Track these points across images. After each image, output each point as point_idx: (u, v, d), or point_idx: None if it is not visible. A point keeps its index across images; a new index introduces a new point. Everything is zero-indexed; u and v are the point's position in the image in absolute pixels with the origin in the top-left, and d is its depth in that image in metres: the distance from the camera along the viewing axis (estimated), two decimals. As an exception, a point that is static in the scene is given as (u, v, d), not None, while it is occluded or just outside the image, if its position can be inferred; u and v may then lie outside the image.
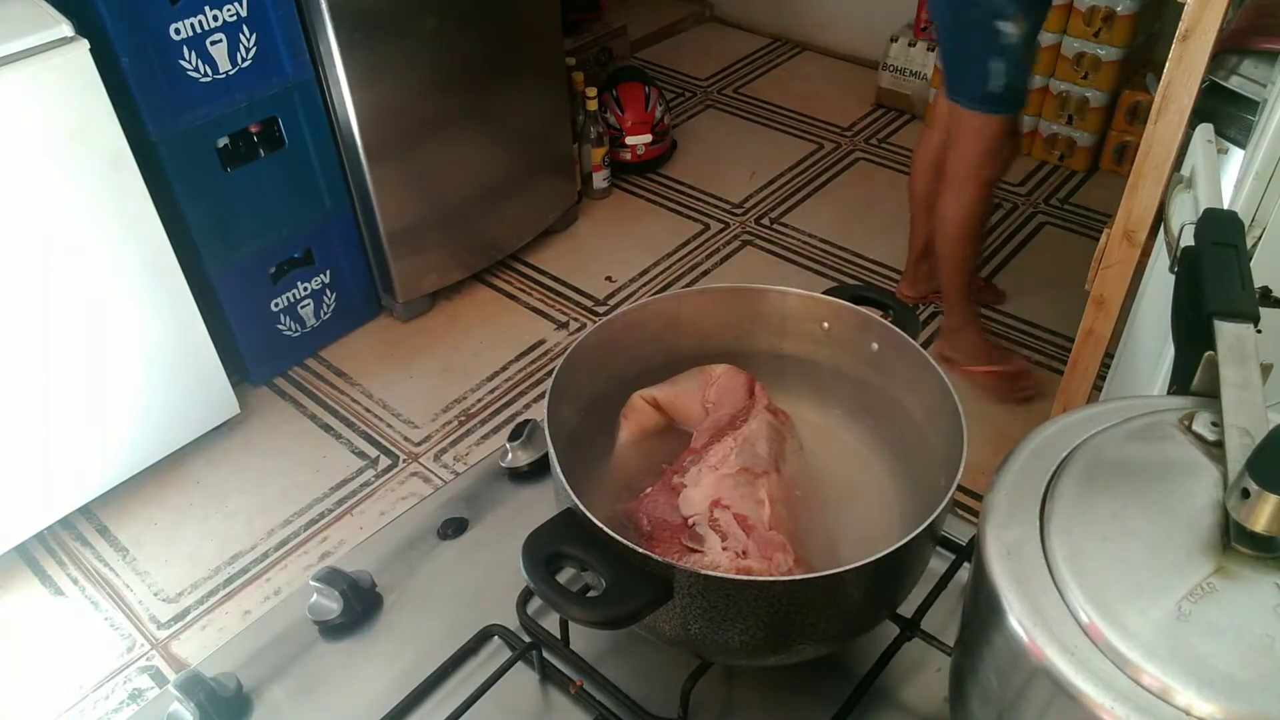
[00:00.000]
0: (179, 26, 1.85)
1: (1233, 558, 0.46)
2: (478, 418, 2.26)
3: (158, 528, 2.03)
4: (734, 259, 2.75)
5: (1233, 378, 0.54)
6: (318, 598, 0.75)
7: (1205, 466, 0.51)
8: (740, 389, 0.77)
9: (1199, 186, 0.94)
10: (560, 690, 0.71)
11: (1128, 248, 1.39)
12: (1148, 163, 1.31)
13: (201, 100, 1.94)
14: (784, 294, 0.81)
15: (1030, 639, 0.46)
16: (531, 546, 0.58)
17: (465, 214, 2.49)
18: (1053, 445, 0.55)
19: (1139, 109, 2.84)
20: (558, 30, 2.55)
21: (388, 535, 0.84)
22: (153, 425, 2.04)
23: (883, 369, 0.77)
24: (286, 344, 2.36)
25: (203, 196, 2.03)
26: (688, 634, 0.61)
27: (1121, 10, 2.73)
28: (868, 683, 0.69)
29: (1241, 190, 1.14)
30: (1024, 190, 2.95)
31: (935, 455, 0.70)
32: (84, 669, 1.78)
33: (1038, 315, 2.48)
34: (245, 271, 2.19)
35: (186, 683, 0.67)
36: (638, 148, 2.98)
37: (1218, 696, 0.42)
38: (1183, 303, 0.64)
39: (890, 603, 0.67)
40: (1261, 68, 1.26)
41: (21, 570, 1.95)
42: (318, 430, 2.23)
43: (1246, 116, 1.24)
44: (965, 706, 0.56)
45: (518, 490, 0.87)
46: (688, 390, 0.78)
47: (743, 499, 0.66)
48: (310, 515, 2.04)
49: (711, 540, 0.63)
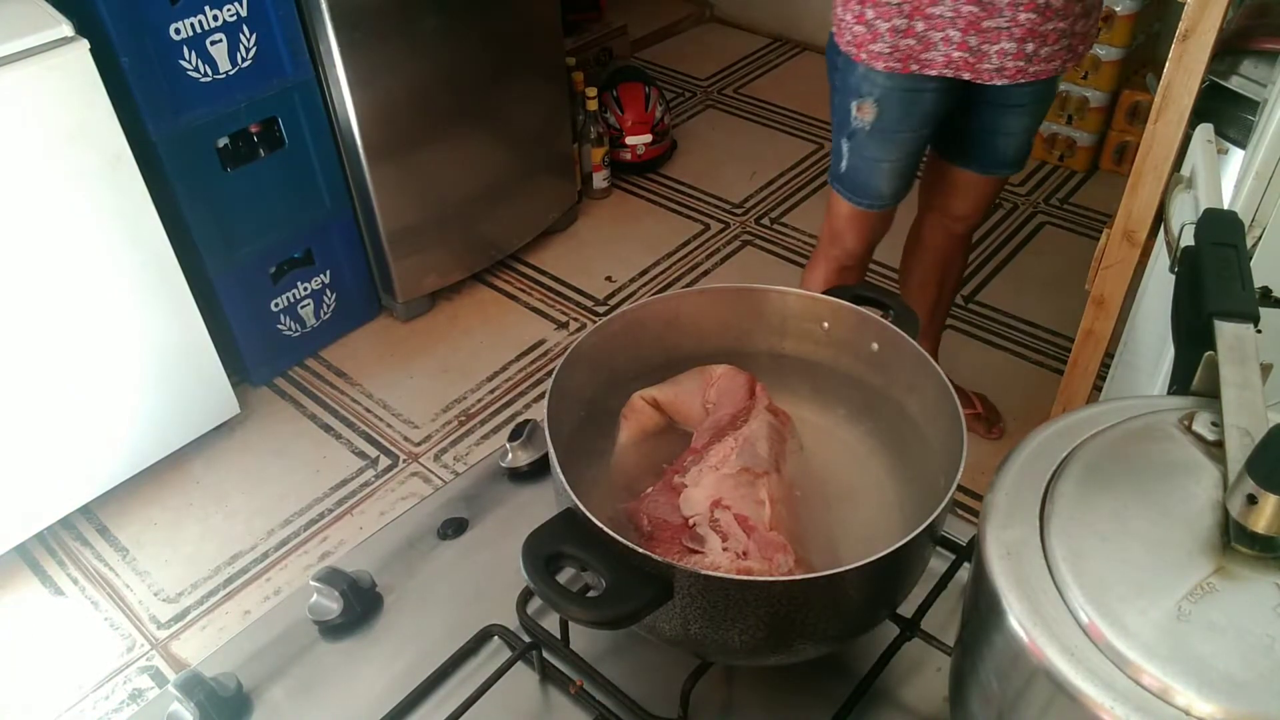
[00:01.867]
0: (179, 26, 1.85)
1: (1233, 558, 0.46)
2: (478, 418, 2.26)
3: (158, 528, 2.03)
4: (734, 259, 2.75)
5: (1233, 378, 0.54)
6: (318, 598, 0.75)
7: (1205, 466, 0.51)
8: (741, 389, 0.77)
9: (1199, 186, 0.94)
10: (560, 690, 0.71)
11: (1128, 248, 1.39)
12: (1148, 163, 1.31)
13: (201, 100, 1.94)
14: (784, 294, 0.81)
15: (1030, 639, 0.46)
16: (531, 546, 0.58)
17: (465, 214, 2.49)
18: (1053, 445, 0.55)
19: (1139, 109, 2.84)
20: (558, 30, 2.55)
21: (388, 535, 0.84)
22: (153, 425, 2.04)
23: (883, 369, 0.77)
24: (286, 344, 2.36)
25: (203, 196, 2.03)
26: (688, 634, 0.61)
27: (1121, 10, 2.73)
28: (868, 683, 0.69)
29: (1241, 190, 1.14)
30: (1024, 190, 2.95)
31: (935, 455, 0.70)
32: (84, 669, 1.78)
33: (1038, 315, 2.48)
34: (245, 271, 2.19)
35: (186, 683, 0.67)
36: (638, 148, 2.98)
37: (1218, 696, 0.42)
38: (1183, 303, 0.64)
39: (890, 603, 0.67)
40: (1261, 68, 1.26)
41: (21, 570, 1.95)
42: (318, 430, 2.23)
43: (1246, 116, 1.24)
44: (965, 706, 0.56)
45: (518, 490, 0.87)
46: (688, 390, 0.78)
47: (743, 499, 0.66)
48: (310, 515, 2.04)
49: (712, 541, 0.63)
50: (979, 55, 1.51)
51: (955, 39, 1.49)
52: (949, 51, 1.51)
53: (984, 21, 1.47)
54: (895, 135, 1.64)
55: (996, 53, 1.50)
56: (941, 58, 1.52)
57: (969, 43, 1.49)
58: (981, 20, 1.47)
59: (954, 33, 1.49)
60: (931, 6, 1.47)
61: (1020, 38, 1.48)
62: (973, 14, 1.46)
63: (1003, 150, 1.72)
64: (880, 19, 1.51)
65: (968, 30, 1.48)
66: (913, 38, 1.51)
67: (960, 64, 1.52)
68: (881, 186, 1.72)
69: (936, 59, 1.52)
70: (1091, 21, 1.56)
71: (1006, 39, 1.48)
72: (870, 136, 1.65)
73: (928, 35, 1.50)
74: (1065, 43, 1.53)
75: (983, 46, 1.50)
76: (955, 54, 1.51)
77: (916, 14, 1.49)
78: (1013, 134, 1.69)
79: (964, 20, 1.47)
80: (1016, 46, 1.49)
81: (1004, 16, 1.46)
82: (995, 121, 1.67)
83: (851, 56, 1.59)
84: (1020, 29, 1.47)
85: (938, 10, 1.47)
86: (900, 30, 1.50)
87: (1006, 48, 1.49)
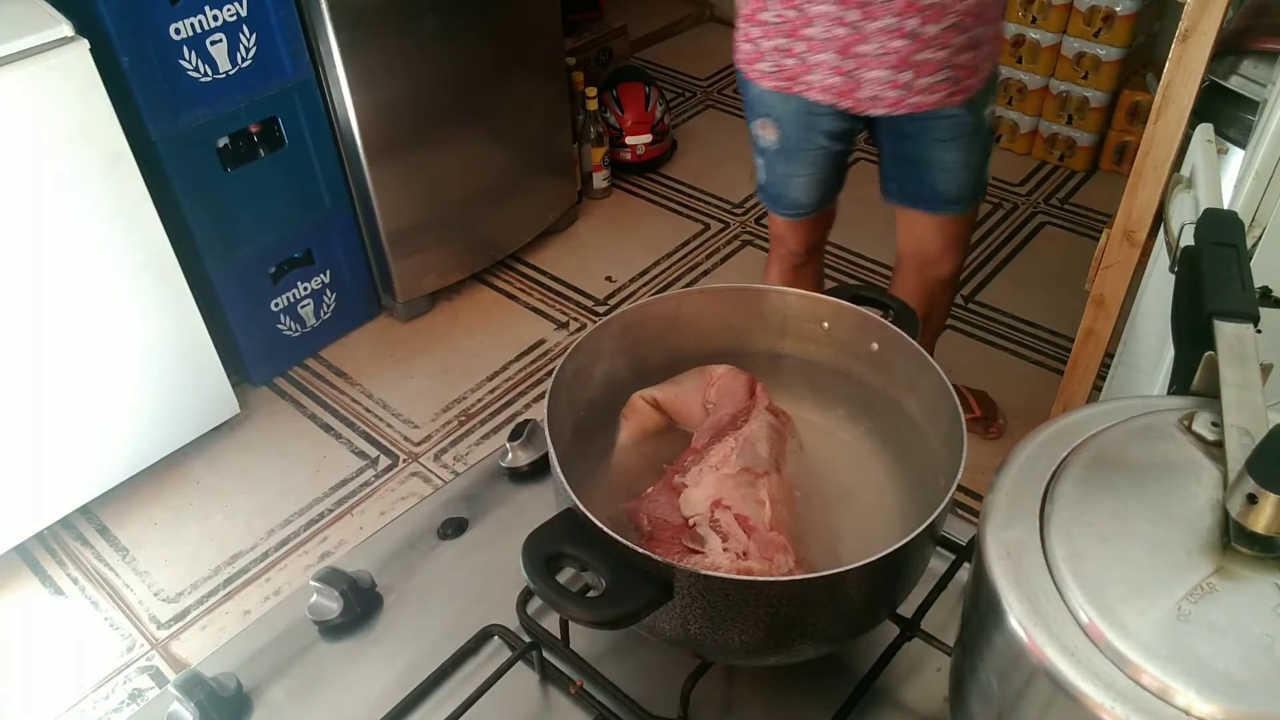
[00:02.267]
0: (179, 26, 1.85)
1: (1233, 558, 0.46)
2: (478, 418, 2.26)
3: (158, 528, 2.03)
4: (734, 259, 2.75)
5: (1233, 378, 0.54)
6: (318, 598, 0.75)
7: (1205, 466, 0.51)
8: (741, 389, 0.77)
9: (1199, 186, 0.94)
10: (560, 690, 0.71)
11: (1128, 248, 1.39)
12: (1148, 163, 1.31)
13: (201, 100, 1.94)
14: (784, 294, 0.81)
15: (1030, 639, 0.46)
16: (531, 546, 0.58)
17: (465, 214, 2.49)
18: (1053, 445, 0.55)
19: (1139, 109, 2.84)
20: (558, 30, 2.55)
21: (388, 535, 0.84)
22: (153, 425, 2.04)
23: (883, 369, 0.77)
24: (286, 344, 2.36)
25: (203, 196, 2.03)
26: (688, 634, 0.61)
27: (1121, 10, 2.73)
28: (868, 683, 0.69)
29: (1241, 190, 1.14)
30: (1024, 190, 2.95)
31: (935, 455, 0.70)
32: (84, 669, 1.78)
33: (1038, 315, 2.48)
34: (245, 271, 2.19)
35: (186, 683, 0.67)
36: (638, 148, 2.98)
37: (1218, 696, 0.42)
38: (1183, 303, 0.64)
39: (890, 603, 0.67)
40: (1261, 68, 1.26)
41: (21, 570, 1.95)
42: (318, 430, 2.23)
43: (1246, 116, 1.24)
44: (965, 706, 0.56)
45: (518, 490, 0.87)
46: (688, 390, 0.78)
47: (744, 499, 0.66)
48: (310, 515, 2.04)
49: (713, 541, 0.63)
50: (855, 82, 1.46)
51: (831, 62, 1.45)
52: (827, 77, 1.47)
53: (856, 46, 1.42)
54: (802, 153, 1.62)
55: (872, 80, 1.45)
56: (820, 82, 1.48)
57: (844, 67, 1.45)
58: (853, 45, 1.42)
59: (829, 56, 1.45)
60: (806, 27, 1.44)
61: (894, 65, 1.43)
62: (844, 37, 1.42)
63: (944, 187, 1.64)
64: (764, 38, 1.49)
65: (842, 54, 1.44)
66: (794, 58, 1.48)
67: (838, 90, 1.48)
68: (799, 198, 1.70)
69: (815, 83, 1.49)
70: (982, 54, 1.49)
71: (879, 66, 1.44)
72: (779, 155, 1.63)
73: (806, 57, 1.47)
74: (947, 74, 1.46)
75: (857, 73, 1.45)
76: (832, 79, 1.47)
77: (795, 34, 1.45)
78: (948, 169, 1.61)
79: (837, 43, 1.43)
80: (890, 74, 1.44)
81: (875, 43, 1.41)
82: (925, 156, 1.60)
83: (744, 75, 1.57)
84: (893, 56, 1.42)
85: (813, 31, 1.43)
86: (783, 50, 1.48)
87: (880, 75, 1.45)
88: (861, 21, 1.40)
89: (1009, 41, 2.96)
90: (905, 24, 1.39)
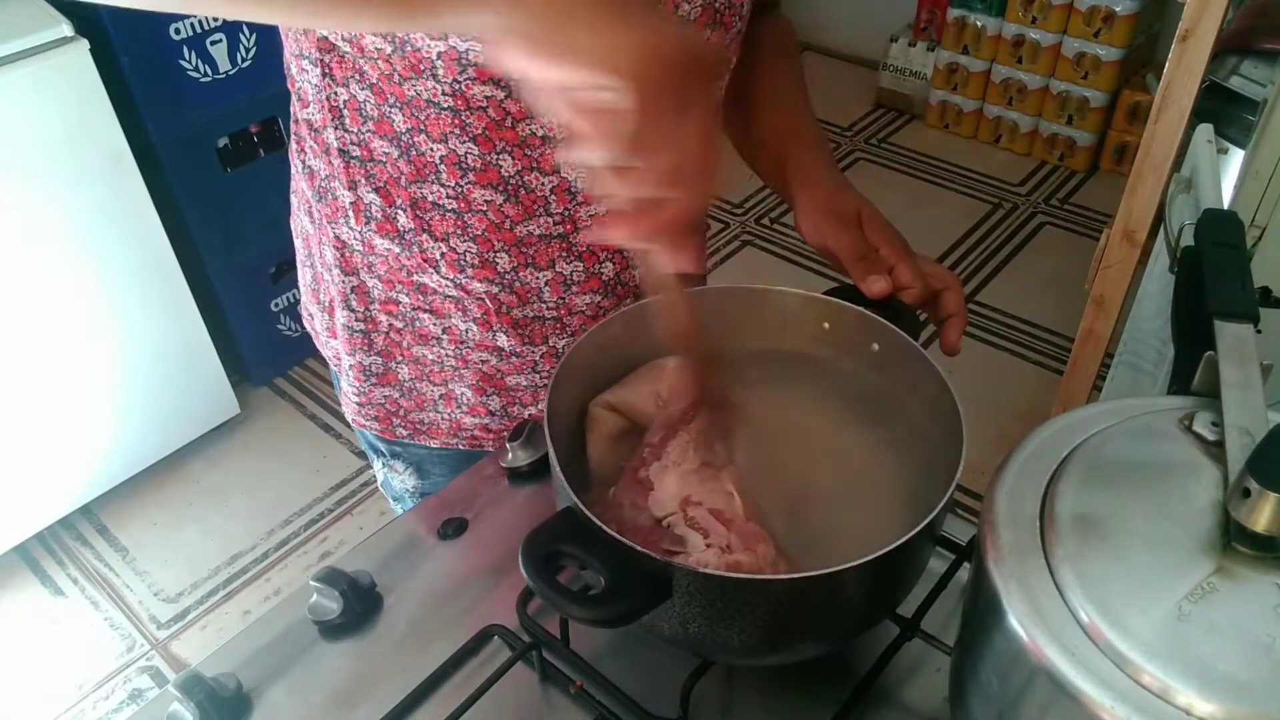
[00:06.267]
0: (179, 26, 1.85)
1: (1233, 558, 0.46)
2: (478, 418, 2.25)
3: (158, 528, 2.03)
4: (734, 259, 2.75)
5: (1233, 378, 0.54)
6: (318, 598, 0.75)
7: (1205, 466, 0.51)
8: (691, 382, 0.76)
9: (1199, 186, 0.94)
10: (560, 690, 0.71)
11: (1128, 248, 1.39)
12: (1148, 163, 1.31)
13: (201, 100, 1.94)
14: (784, 294, 0.80)
15: (1030, 639, 0.46)
16: (531, 546, 0.58)
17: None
18: (1053, 445, 0.55)
19: (1139, 109, 2.84)
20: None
21: (388, 535, 0.83)
22: (153, 425, 2.04)
23: (883, 369, 0.77)
24: (286, 344, 2.35)
25: (203, 196, 2.03)
26: (687, 633, 0.61)
27: (1121, 10, 2.73)
28: (868, 683, 0.69)
29: (1241, 190, 1.14)
30: (1024, 190, 2.95)
31: (935, 455, 0.70)
32: (84, 669, 1.78)
33: (1038, 315, 2.48)
34: (245, 271, 2.18)
35: (186, 683, 0.67)
36: (638, 148, 2.97)
37: (1218, 696, 0.42)
38: (1183, 303, 0.64)
39: (890, 602, 0.67)
40: (1261, 68, 1.26)
41: (21, 570, 1.95)
42: (318, 430, 2.23)
43: (1246, 116, 1.24)
44: (965, 706, 0.56)
45: (517, 490, 0.87)
46: (639, 391, 0.77)
47: (712, 494, 0.65)
48: (310, 515, 2.04)
49: (693, 539, 0.63)
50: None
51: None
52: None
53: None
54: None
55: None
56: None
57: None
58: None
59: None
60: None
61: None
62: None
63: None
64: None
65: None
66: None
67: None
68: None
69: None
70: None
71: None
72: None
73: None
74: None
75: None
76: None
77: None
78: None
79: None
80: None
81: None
82: None
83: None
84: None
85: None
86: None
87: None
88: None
89: (1009, 41, 2.96)
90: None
